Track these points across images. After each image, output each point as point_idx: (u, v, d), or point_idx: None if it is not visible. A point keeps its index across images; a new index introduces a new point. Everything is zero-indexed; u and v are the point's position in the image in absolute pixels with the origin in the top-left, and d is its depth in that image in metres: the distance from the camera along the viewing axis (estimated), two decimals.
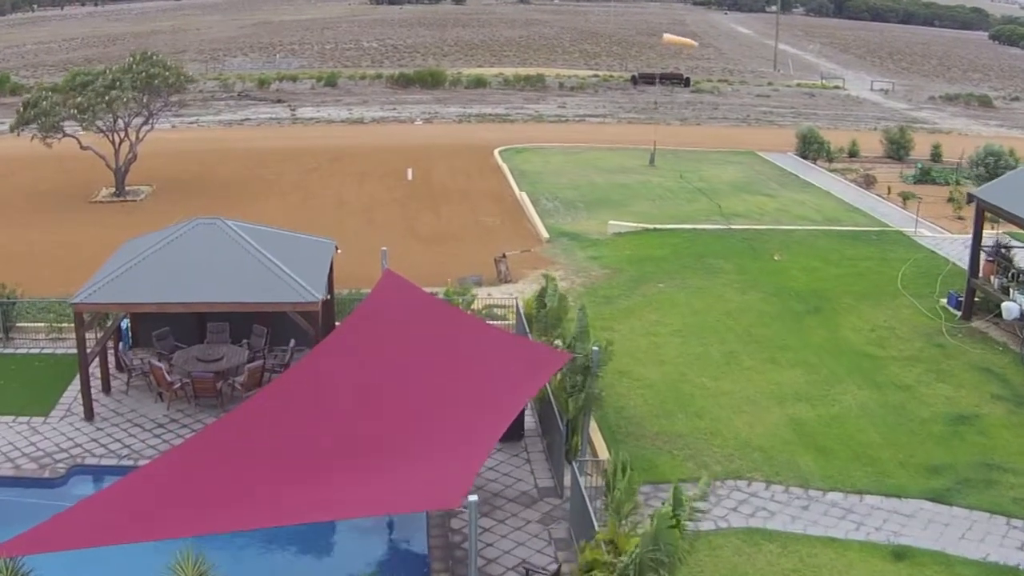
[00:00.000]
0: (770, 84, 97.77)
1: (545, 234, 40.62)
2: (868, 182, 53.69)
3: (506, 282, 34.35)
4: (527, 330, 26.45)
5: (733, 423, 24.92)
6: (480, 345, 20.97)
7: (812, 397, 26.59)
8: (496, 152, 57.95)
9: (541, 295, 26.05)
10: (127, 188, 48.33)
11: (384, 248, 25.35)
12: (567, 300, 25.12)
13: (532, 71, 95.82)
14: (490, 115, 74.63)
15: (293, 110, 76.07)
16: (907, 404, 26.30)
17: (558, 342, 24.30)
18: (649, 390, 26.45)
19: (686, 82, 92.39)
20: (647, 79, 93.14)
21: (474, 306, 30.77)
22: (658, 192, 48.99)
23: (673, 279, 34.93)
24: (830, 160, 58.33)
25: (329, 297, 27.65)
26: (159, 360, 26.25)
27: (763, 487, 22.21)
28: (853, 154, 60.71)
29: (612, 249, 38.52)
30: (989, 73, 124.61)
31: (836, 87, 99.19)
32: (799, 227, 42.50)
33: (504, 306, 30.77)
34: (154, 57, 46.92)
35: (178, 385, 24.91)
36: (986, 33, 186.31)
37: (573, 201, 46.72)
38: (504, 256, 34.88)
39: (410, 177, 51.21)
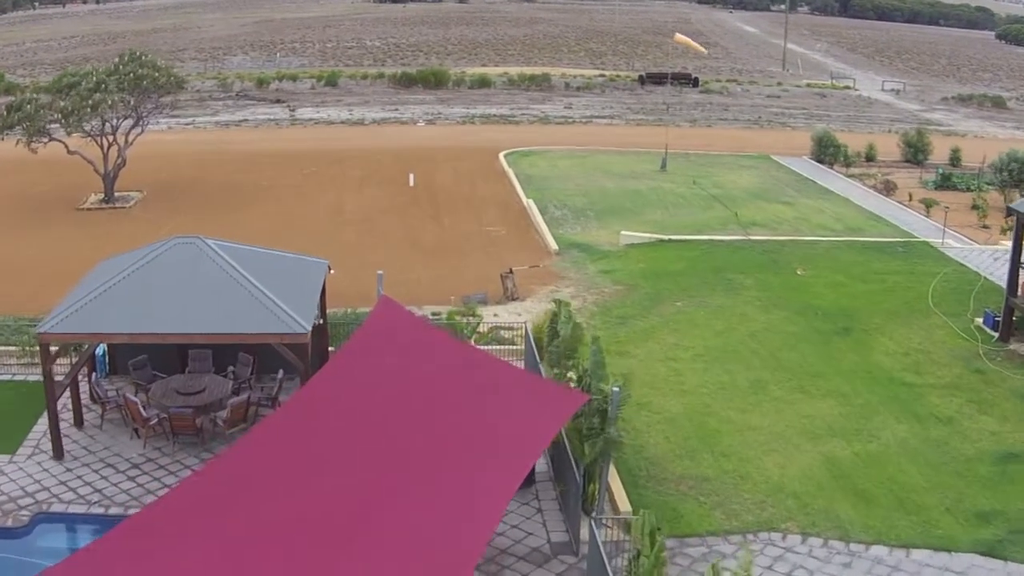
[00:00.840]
0: (780, 84, 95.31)
1: (554, 245, 38.22)
2: (888, 188, 51.29)
3: (513, 299, 31.98)
4: (536, 357, 24.10)
5: (763, 464, 22.53)
6: (486, 384, 18.58)
7: (847, 432, 24.22)
8: (501, 155, 55.56)
9: (553, 322, 23.64)
10: (116, 194, 45.99)
11: (380, 272, 22.91)
12: (581, 328, 22.70)
13: (537, 70, 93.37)
14: (494, 116, 72.22)
15: (292, 111, 73.70)
16: (950, 440, 23.92)
17: (571, 374, 21.90)
18: (671, 425, 24.06)
19: (695, 82, 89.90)
20: (655, 79, 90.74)
21: (480, 328, 28.48)
22: (671, 199, 46.58)
23: (691, 296, 32.52)
24: (847, 165, 55.92)
25: (321, 322, 25.31)
26: (136, 391, 23.96)
27: (799, 540, 19.83)
28: (870, 158, 58.35)
29: (625, 262, 36.12)
30: (999, 73, 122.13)
31: (847, 87, 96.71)
32: (821, 238, 40.12)
33: (512, 328, 28.39)
34: (143, 57, 44.51)
35: (155, 421, 22.57)
36: (992, 32, 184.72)
37: (582, 209, 44.34)
38: (511, 272, 32.51)
39: (412, 183, 48.85)
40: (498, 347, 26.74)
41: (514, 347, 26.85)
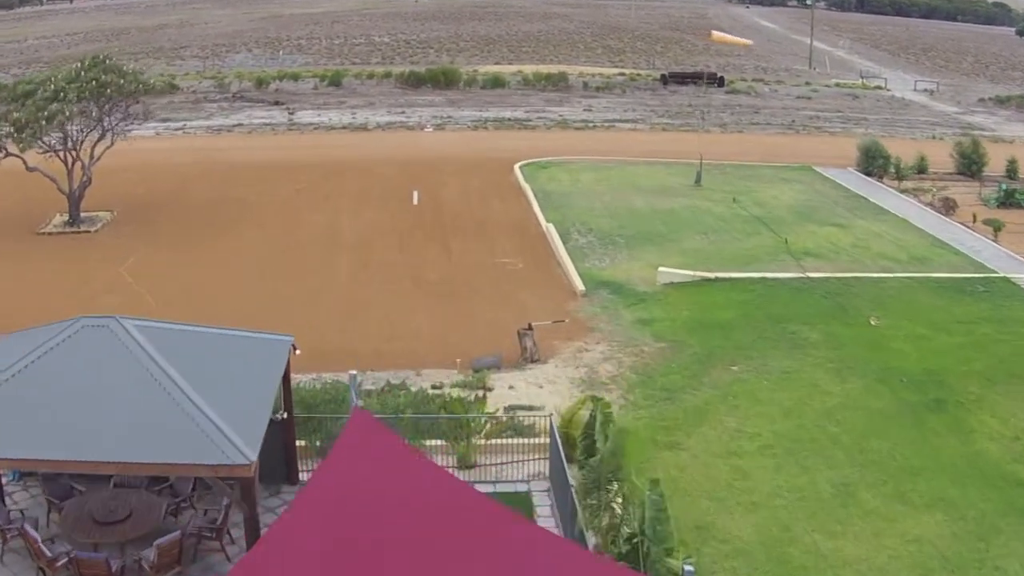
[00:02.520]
0: (808, 84, 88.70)
1: (579, 284, 32.00)
2: (947, 207, 44.87)
3: (533, 361, 25.83)
4: (564, 463, 18.05)
5: None
6: (486, 550, 12.53)
7: (966, 566, 18.20)
8: (517, 168, 49.30)
9: (588, 427, 17.53)
10: (82, 215, 39.96)
11: (354, 372, 16.74)
12: (625, 435, 16.61)
13: (554, 69, 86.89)
14: (509, 120, 65.88)
15: (291, 114, 67.49)
16: None
17: (616, 506, 15.81)
18: (744, 560, 17.93)
19: (720, 82, 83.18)
20: (678, 78, 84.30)
21: (489, 408, 22.36)
22: (710, 221, 40.32)
23: (749, 358, 26.32)
24: (899, 178, 49.48)
25: (285, 415, 19.24)
26: (49, 510, 18.06)
27: None
28: (921, 170, 51.83)
29: (665, 308, 29.91)
30: None
31: (878, 87, 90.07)
32: (888, 273, 33.83)
33: (532, 409, 22.31)
34: (107, 62, 38.25)
35: (62, 562, 16.51)
36: (1012, 29, 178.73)
37: (610, 234, 38.13)
38: (530, 328, 26.36)
39: (416, 201, 42.66)
40: (517, 440, 20.63)
41: (536, 440, 20.71)
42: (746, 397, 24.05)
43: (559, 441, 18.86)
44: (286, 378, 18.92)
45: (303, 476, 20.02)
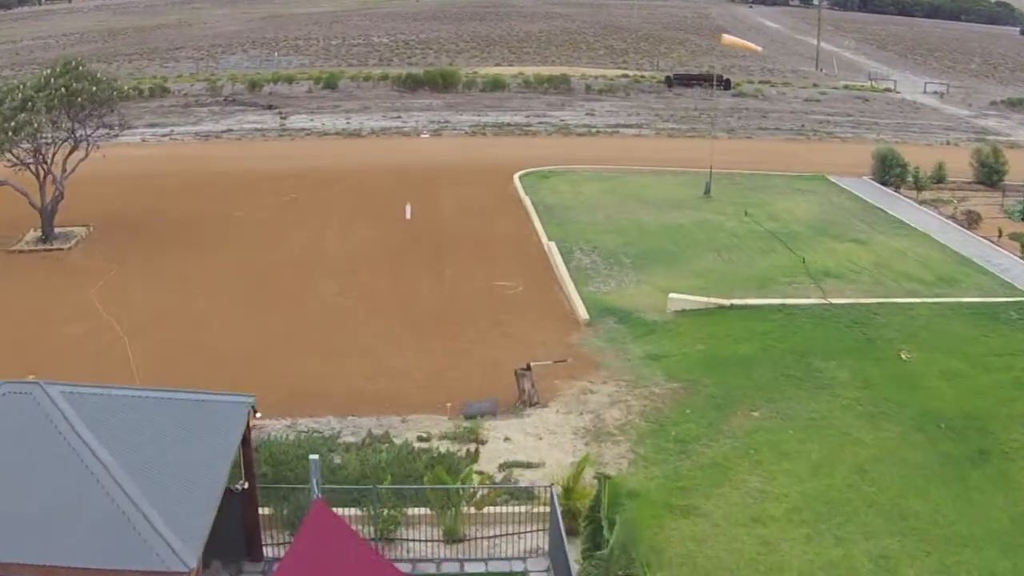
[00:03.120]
0: (816, 86, 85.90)
1: (583, 312, 29.30)
2: (970, 220, 42.16)
3: (532, 405, 23.18)
4: (563, 540, 15.45)
5: None
6: None
7: None
8: (516, 178, 46.61)
9: (594, 509, 14.88)
10: (56, 231, 37.38)
11: (315, 457, 14.02)
12: (633, 529, 13.94)
13: (555, 70, 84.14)
14: (508, 125, 63.12)
15: (284, 118, 64.75)
16: None
17: None
18: None
19: (726, 84, 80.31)
20: (683, 81, 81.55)
21: (482, 464, 19.75)
22: (722, 238, 37.63)
23: (771, 400, 23.64)
24: (918, 188, 46.74)
25: (246, 486, 16.62)
26: None
27: None
28: (939, 179, 49.08)
29: (677, 341, 27.21)
30: None
31: (887, 90, 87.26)
32: (915, 299, 31.10)
33: (531, 467, 19.69)
34: (79, 68, 35.49)
35: None
36: (1016, 28, 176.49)
37: (615, 253, 35.46)
38: (528, 368, 23.68)
39: (408, 215, 39.96)
40: (512, 509, 17.97)
41: (535, 508, 18.05)
42: (770, 449, 21.37)
43: (560, 517, 16.25)
44: (246, 442, 16.31)
45: (269, 551, 17.41)
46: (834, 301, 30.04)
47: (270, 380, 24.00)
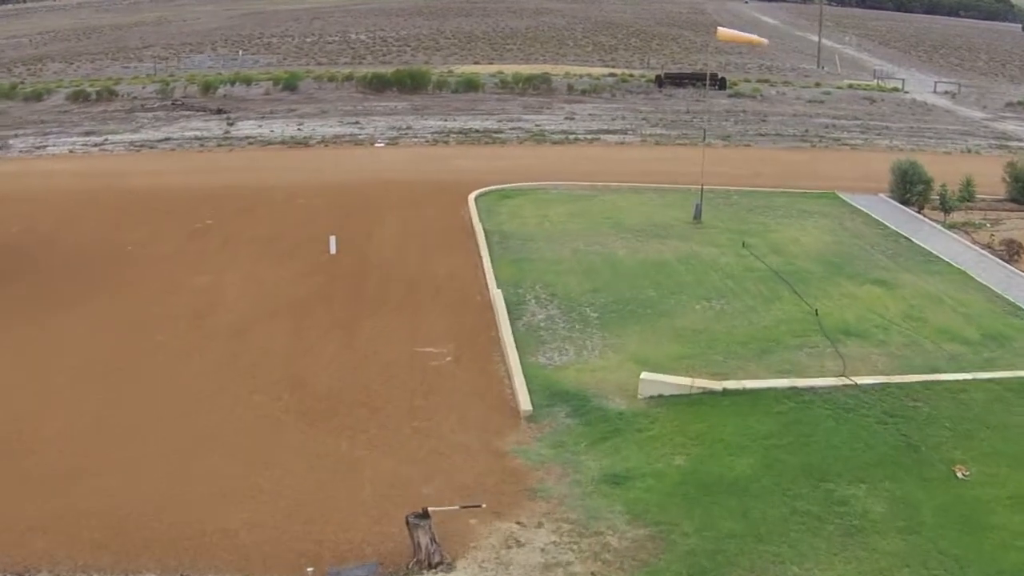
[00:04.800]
0: (818, 85, 77.76)
1: (525, 401, 21.34)
2: (1010, 252, 34.19)
3: (431, 567, 15.34)
4: None
5: None
6: None
7: None
8: (472, 199, 38.68)
9: None
10: None
11: None
12: None
13: (536, 69, 76.09)
14: (476, 131, 55.15)
15: (230, 124, 56.81)
16: None
17: None
18: None
19: (721, 83, 72.19)
20: (675, 80, 73.45)
21: None
22: (714, 280, 29.70)
23: (779, 561, 15.75)
24: (946, 211, 38.73)
25: None
26: None
27: None
28: (968, 197, 41.01)
29: (648, 449, 19.30)
30: None
31: (895, 89, 79.17)
32: (966, 375, 23.11)
33: None
34: None
35: None
36: (1017, 25, 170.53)
37: (579, 302, 27.58)
38: (426, 514, 15.77)
39: (333, 250, 32.08)
40: None
41: None
42: None
43: None
44: None
45: None
46: (860, 381, 22.11)
47: (58, 503, 16.19)
